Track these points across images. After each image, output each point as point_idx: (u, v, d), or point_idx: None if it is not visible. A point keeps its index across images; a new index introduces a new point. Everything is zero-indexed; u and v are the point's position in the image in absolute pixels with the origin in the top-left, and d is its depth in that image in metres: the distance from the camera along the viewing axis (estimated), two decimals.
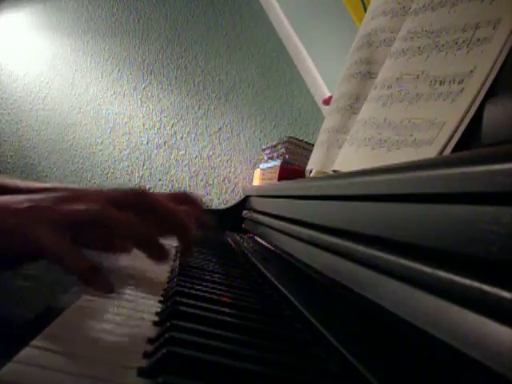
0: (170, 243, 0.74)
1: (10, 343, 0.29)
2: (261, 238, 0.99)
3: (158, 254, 0.48)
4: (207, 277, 0.57)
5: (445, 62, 0.53)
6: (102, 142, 1.78)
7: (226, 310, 0.42)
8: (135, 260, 0.61)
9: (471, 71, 0.48)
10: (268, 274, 0.62)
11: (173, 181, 1.79)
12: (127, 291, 0.47)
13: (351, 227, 0.45)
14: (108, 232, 0.50)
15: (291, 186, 0.77)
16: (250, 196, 1.28)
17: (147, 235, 0.48)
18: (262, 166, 1.55)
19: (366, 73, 0.74)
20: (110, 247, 0.55)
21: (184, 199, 0.64)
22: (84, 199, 0.46)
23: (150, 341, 0.32)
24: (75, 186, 0.53)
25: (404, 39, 0.62)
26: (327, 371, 0.32)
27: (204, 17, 1.86)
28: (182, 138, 1.81)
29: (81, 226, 0.44)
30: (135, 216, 0.47)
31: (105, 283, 0.43)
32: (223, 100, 1.83)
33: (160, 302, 0.44)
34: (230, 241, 1.07)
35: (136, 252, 0.53)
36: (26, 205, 0.42)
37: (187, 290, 0.46)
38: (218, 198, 1.79)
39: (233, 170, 1.81)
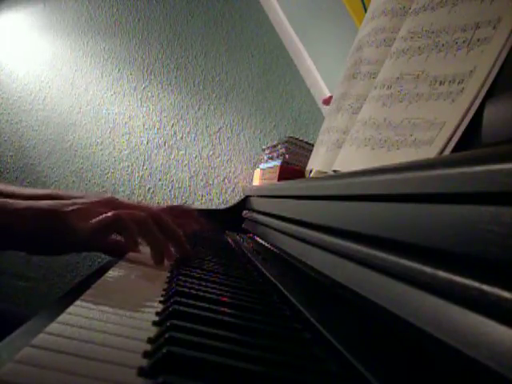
0: None
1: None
2: (261, 238, 0.99)
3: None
4: (207, 277, 0.57)
5: (445, 62, 0.53)
6: (102, 142, 1.78)
7: (226, 309, 0.42)
8: (136, 260, 0.61)
9: (471, 71, 0.48)
10: (268, 274, 0.62)
11: (173, 181, 1.79)
12: (127, 291, 0.47)
13: (351, 227, 0.45)
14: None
15: (291, 186, 0.77)
16: (250, 196, 1.28)
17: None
18: (262, 165, 1.55)
19: (366, 73, 0.74)
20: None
21: (179, 212, 0.77)
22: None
23: (150, 341, 0.32)
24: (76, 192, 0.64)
25: (404, 39, 0.62)
26: (327, 371, 0.32)
27: (204, 17, 1.86)
28: (182, 138, 1.81)
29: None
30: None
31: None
32: (223, 100, 1.83)
33: (160, 301, 0.44)
34: (230, 241, 1.07)
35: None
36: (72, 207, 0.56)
37: (187, 290, 0.46)
38: (218, 198, 1.79)
39: (233, 169, 1.81)
